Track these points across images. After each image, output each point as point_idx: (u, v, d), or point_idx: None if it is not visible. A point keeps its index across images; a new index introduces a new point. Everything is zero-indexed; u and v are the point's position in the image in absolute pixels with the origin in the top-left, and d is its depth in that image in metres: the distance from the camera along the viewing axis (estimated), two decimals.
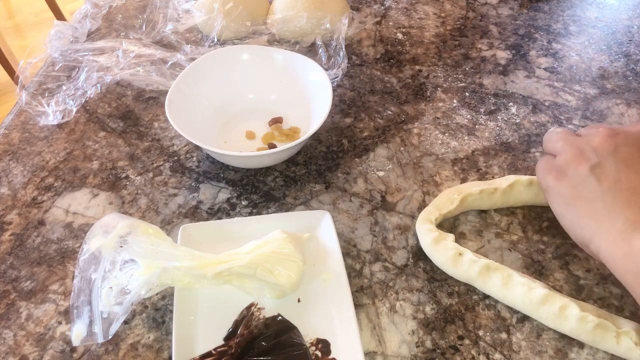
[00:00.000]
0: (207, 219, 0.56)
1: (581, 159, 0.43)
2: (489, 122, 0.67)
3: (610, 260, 0.40)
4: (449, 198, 0.54)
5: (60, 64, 0.74)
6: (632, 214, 0.39)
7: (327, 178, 0.60)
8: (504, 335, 0.46)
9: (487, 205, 0.55)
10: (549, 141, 0.47)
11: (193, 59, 0.67)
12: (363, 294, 0.49)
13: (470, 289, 0.49)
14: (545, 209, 0.56)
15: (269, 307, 0.47)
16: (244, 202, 0.57)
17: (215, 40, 0.78)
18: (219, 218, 0.56)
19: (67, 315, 0.48)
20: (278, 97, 0.67)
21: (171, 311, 0.47)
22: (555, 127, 0.49)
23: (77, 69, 0.73)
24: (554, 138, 0.47)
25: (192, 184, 0.59)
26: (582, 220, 0.42)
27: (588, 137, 0.44)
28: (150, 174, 0.60)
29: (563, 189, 0.43)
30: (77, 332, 0.43)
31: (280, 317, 0.46)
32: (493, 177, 0.59)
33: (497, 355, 0.45)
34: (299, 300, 0.48)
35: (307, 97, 0.64)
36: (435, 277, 0.50)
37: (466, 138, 0.64)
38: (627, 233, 0.39)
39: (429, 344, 0.46)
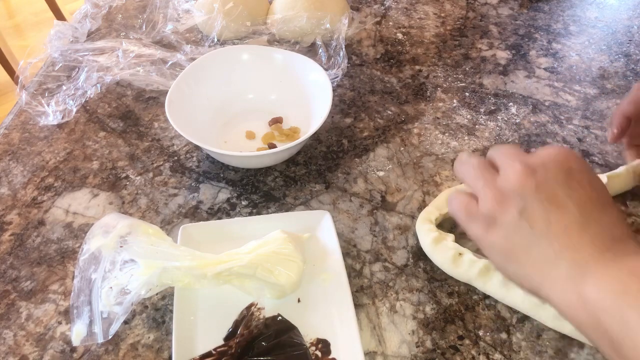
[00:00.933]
0: (207, 219, 0.56)
1: (506, 204, 0.39)
2: (489, 122, 0.67)
3: (564, 312, 0.38)
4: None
5: (60, 64, 0.74)
6: (572, 257, 0.37)
7: (327, 178, 0.60)
8: (504, 335, 0.46)
9: None
10: (465, 176, 0.43)
11: (193, 59, 0.67)
12: (363, 294, 0.49)
13: (470, 289, 0.49)
14: None
15: (269, 307, 0.47)
16: (244, 202, 0.57)
17: (215, 40, 0.78)
18: (219, 218, 0.56)
19: (67, 315, 0.48)
20: (278, 97, 0.67)
21: (171, 311, 0.47)
22: (468, 156, 0.44)
23: (77, 69, 0.73)
24: (470, 174, 0.43)
25: (192, 184, 0.59)
26: (525, 271, 0.39)
27: (506, 175, 0.40)
28: (150, 174, 0.60)
29: (496, 240, 0.40)
30: (77, 332, 0.43)
31: (280, 317, 0.46)
32: None
33: (497, 355, 0.45)
34: (299, 300, 0.48)
35: (307, 97, 0.64)
36: (435, 277, 0.50)
37: (466, 138, 0.64)
38: (574, 281, 0.36)
39: (429, 344, 0.46)
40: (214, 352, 0.44)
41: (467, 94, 0.71)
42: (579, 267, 0.36)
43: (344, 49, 0.73)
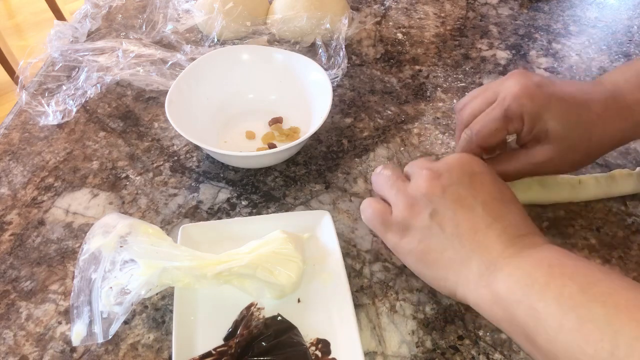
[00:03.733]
0: (207, 219, 0.56)
1: (417, 209, 0.40)
2: None
3: (481, 309, 0.38)
4: None
5: (60, 64, 0.74)
6: (481, 255, 0.38)
7: (327, 178, 0.60)
8: (504, 335, 0.46)
9: None
10: (380, 186, 0.45)
11: (193, 59, 0.67)
12: (363, 294, 0.49)
13: None
14: (545, 209, 0.56)
15: (269, 307, 0.47)
16: (244, 202, 0.57)
17: (215, 40, 0.78)
18: (219, 218, 0.56)
19: (67, 315, 0.48)
20: (278, 97, 0.67)
21: (171, 311, 0.47)
22: (382, 168, 0.46)
23: (77, 69, 0.73)
24: (384, 184, 0.44)
25: (192, 184, 0.59)
26: (440, 273, 0.40)
27: (415, 182, 0.42)
28: (150, 174, 0.60)
29: (411, 245, 0.41)
30: (77, 332, 0.43)
31: (280, 317, 0.46)
32: None
33: (497, 355, 0.45)
34: (299, 300, 0.48)
35: (307, 97, 0.64)
36: None
37: None
38: (484, 278, 0.37)
39: (429, 344, 0.46)
40: (213, 352, 0.44)
41: (467, 93, 0.71)
42: (489, 264, 0.38)
43: (344, 49, 0.73)
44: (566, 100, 0.45)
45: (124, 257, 0.45)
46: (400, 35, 0.81)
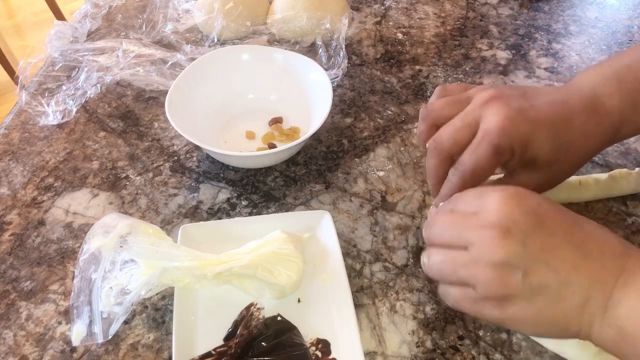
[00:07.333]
0: (207, 219, 0.56)
1: (505, 278, 0.35)
2: None
3: (607, 348, 0.36)
4: None
5: (60, 64, 0.74)
6: (597, 292, 0.35)
7: (327, 178, 0.60)
8: (504, 336, 0.46)
9: None
10: (442, 272, 0.39)
11: (193, 59, 0.67)
12: (363, 294, 0.49)
13: None
14: None
15: (269, 307, 0.47)
16: (244, 202, 0.57)
17: (215, 40, 0.78)
18: (219, 218, 0.56)
19: (67, 315, 0.48)
20: (278, 97, 0.67)
21: (171, 311, 0.47)
22: (427, 255, 0.40)
23: (77, 69, 0.73)
24: (445, 268, 0.39)
25: (192, 184, 0.59)
26: (562, 326, 0.37)
27: (485, 249, 0.36)
28: (150, 174, 0.60)
29: (519, 314, 0.36)
30: (77, 332, 0.43)
31: (280, 317, 0.46)
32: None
33: (497, 355, 0.45)
34: (299, 300, 0.48)
35: (307, 97, 0.64)
36: None
37: None
38: (607, 316, 0.35)
39: (429, 344, 0.46)
40: (213, 352, 0.44)
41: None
42: (607, 300, 0.35)
43: (344, 49, 0.73)
44: (551, 122, 0.43)
45: (124, 257, 0.45)
46: (400, 35, 0.81)
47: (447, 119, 0.45)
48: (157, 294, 0.48)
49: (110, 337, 0.43)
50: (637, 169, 0.57)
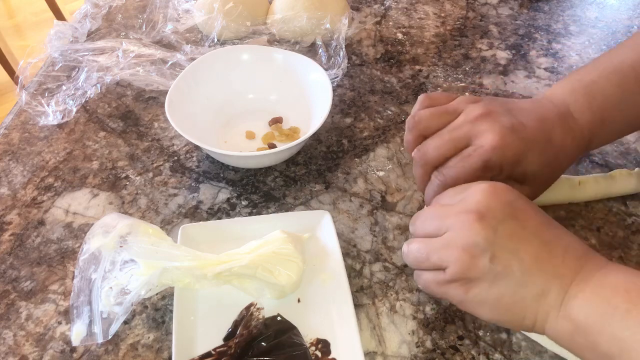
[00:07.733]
0: (207, 219, 0.56)
1: (473, 259, 0.37)
2: None
3: (561, 341, 0.38)
4: None
5: (60, 64, 0.74)
6: (555, 285, 0.37)
7: (327, 178, 0.60)
8: (504, 336, 0.46)
9: None
10: (417, 259, 0.41)
11: (193, 59, 0.67)
12: (363, 294, 0.49)
13: None
14: (546, 210, 0.55)
15: (269, 307, 0.47)
16: (244, 202, 0.57)
17: (215, 40, 0.78)
18: (219, 218, 0.56)
19: (67, 315, 0.48)
20: (278, 97, 0.67)
21: (171, 311, 0.47)
22: (407, 244, 0.42)
23: (77, 69, 0.73)
24: (421, 254, 0.41)
25: (192, 184, 0.59)
26: (518, 314, 0.38)
27: (459, 232, 0.38)
28: (150, 174, 0.60)
29: (480, 296, 0.38)
30: (77, 332, 0.43)
31: (280, 317, 0.46)
32: None
33: (497, 355, 0.45)
34: (299, 300, 0.48)
35: (307, 97, 0.64)
36: None
37: None
38: (562, 309, 0.36)
39: (429, 344, 0.46)
40: (213, 352, 0.44)
41: (467, 94, 0.71)
42: (564, 294, 0.37)
43: (344, 49, 0.73)
44: (538, 141, 0.45)
45: (124, 257, 0.45)
46: (400, 35, 0.81)
47: (434, 130, 0.47)
48: (157, 294, 0.48)
49: (110, 337, 0.44)
50: (637, 169, 0.57)
